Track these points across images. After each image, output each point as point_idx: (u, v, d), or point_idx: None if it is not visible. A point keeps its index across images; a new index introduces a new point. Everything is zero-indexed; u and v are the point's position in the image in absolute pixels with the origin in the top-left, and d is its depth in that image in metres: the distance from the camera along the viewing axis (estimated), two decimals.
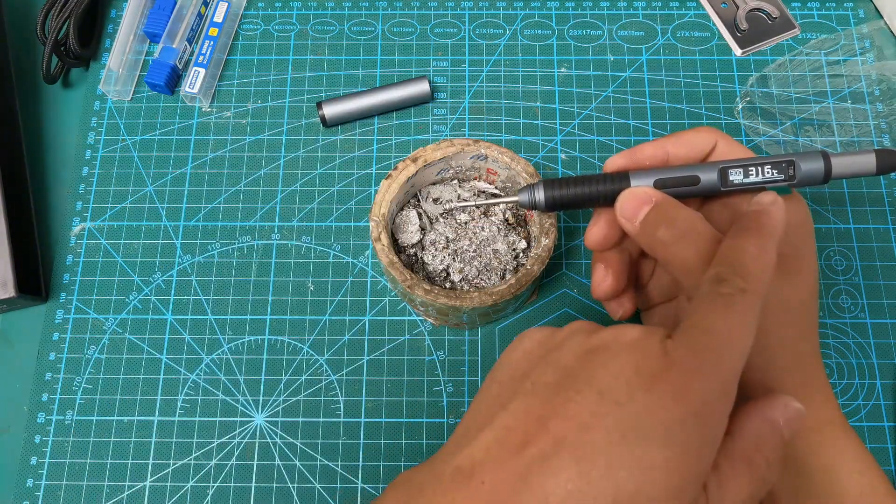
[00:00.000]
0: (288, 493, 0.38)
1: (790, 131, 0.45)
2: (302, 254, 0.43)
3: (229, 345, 0.41)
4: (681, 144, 0.31)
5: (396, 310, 0.42)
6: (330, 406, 0.40)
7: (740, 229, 0.25)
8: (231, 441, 0.39)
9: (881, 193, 0.44)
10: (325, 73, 0.48)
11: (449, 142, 0.38)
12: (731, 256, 0.24)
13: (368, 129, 0.46)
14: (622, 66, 0.47)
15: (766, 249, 0.24)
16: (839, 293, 0.42)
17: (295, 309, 0.42)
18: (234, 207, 0.44)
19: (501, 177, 0.40)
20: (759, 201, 0.27)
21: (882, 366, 0.40)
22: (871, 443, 0.39)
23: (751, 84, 0.46)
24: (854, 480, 0.28)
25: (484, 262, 0.39)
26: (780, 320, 0.28)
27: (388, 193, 0.37)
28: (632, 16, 0.49)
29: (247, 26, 0.49)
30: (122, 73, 0.46)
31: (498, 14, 0.49)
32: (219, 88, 0.47)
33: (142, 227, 0.44)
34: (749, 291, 0.23)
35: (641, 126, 0.46)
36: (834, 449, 0.29)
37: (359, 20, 0.49)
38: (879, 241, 0.43)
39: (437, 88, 0.47)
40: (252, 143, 0.46)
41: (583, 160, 0.45)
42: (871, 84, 0.46)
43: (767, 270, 0.24)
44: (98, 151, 0.45)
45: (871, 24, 0.48)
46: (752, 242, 0.24)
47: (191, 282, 0.42)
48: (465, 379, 0.40)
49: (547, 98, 0.47)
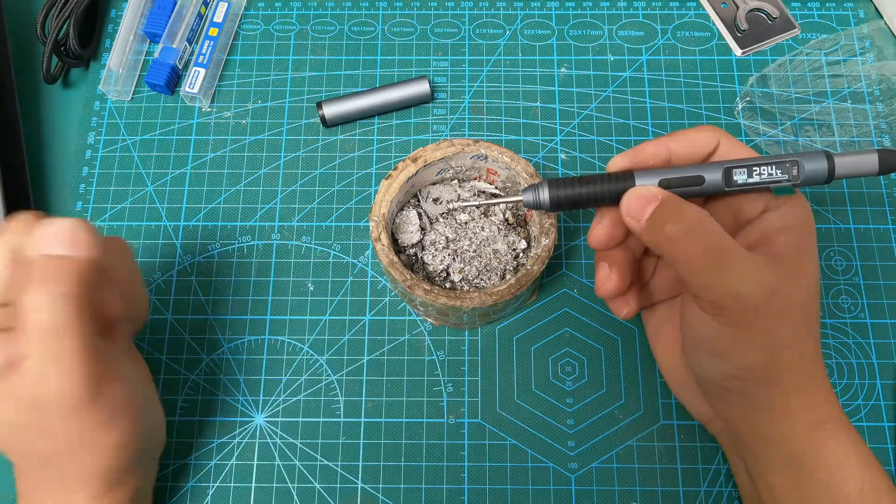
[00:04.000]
0: (288, 493, 0.38)
1: (790, 131, 0.45)
2: (302, 254, 0.43)
3: (229, 345, 0.41)
4: (683, 143, 0.31)
5: (396, 310, 0.42)
6: (330, 406, 0.40)
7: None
8: (231, 441, 0.39)
9: (881, 193, 0.44)
10: (325, 73, 0.48)
11: (449, 142, 0.38)
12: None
13: (368, 129, 0.46)
14: (622, 66, 0.47)
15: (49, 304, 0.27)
16: (839, 293, 0.42)
17: (295, 309, 0.42)
18: (234, 207, 0.44)
19: (501, 177, 0.40)
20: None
21: (882, 366, 0.40)
22: (872, 443, 0.39)
23: (751, 84, 0.46)
24: (855, 477, 0.29)
25: (484, 262, 0.39)
26: (783, 319, 0.28)
27: (388, 193, 0.37)
28: (632, 16, 0.49)
29: (247, 26, 0.49)
30: (122, 73, 0.46)
31: (498, 14, 0.49)
32: (219, 88, 0.47)
33: (142, 227, 0.44)
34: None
35: (641, 126, 0.46)
36: (835, 446, 0.29)
37: (359, 20, 0.49)
38: (879, 241, 0.43)
39: (437, 88, 0.47)
40: (252, 143, 0.46)
41: (583, 160, 0.45)
42: (871, 84, 0.46)
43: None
44: (98, 151, 0.45)
45: (871, 24, 0.48)
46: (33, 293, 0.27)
47: (191, 282, 0.42)
48: (465, 379, 0.40)
49: (547, 98, 0.47)
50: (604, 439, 0.39)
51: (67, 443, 0.28)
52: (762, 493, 0.31)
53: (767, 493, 0.31)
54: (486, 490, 0.38)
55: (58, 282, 0.26)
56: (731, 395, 0.30)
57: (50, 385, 0.27)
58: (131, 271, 0.34)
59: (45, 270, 0.27)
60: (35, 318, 0.26)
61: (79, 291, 0.27)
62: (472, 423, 0.39)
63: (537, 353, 0.41)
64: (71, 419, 0.27)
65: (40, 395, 0.27)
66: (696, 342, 0.30)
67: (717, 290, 0.28)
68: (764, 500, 0.31)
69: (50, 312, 0.26)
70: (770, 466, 0.30)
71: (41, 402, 0.27)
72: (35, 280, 0.26)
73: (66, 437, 0.28)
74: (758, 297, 0.27)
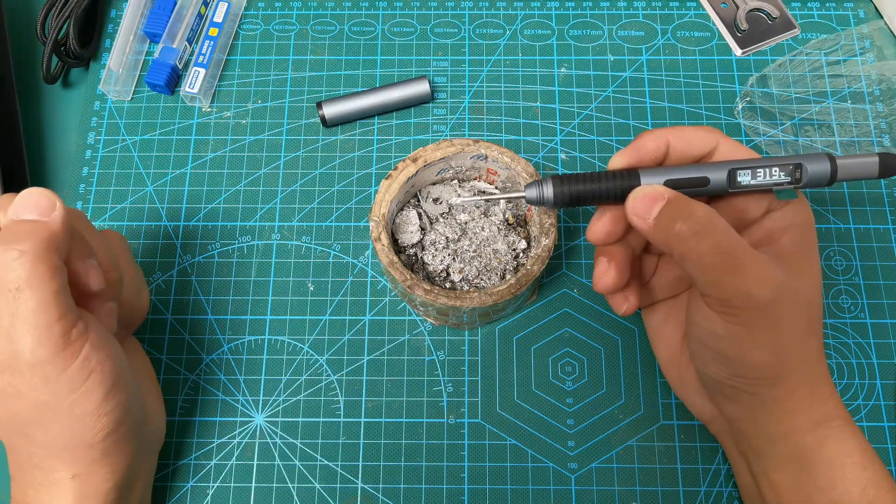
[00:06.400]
0: (288, 493, 0.38)
1: (790, 131, 0.45)
2: (302, 254, 0.43)
3: (229, 345, 0.41)
4: (681, 139, 0.31)
5: (396, 310, 0.42)
6: (330, 406, 0.40)
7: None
8: (231, 441, 0.39)
9: (881, 193, 0.44)
10: (325, 73, 0.48)
11: (449, 142, 0.38)
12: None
13: (368, 129, 0.46)
14: (622, 66, 0.47)
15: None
16: (839, 293, 0.42)
17: (295, 309, 0.42)
18: (234, 207, 0.44)
19: (501, 177, 0.40)
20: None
21: (882, 366, 0.40)
22: (872, 443, 0.38)
23: (751, 84, 0.46)
24: (858, 474, 0.29)
25: (484, 262, 0.39)
26: (790, 318, 0.28)
27: (388, 193, 0.37)
28: (632, 16, 0.49)
29: (247, 26, 0.49)
30: (122, 73, 0.46)
31: (498, 14, 0.49)
32: (219, 88, 0.47)
33: (142, 227, 0.44)
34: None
35: (641, 126, 0.46)
36: (838, 443, 0.29)
37: (359, 20, 0.49)
38: (879, 241, 0.43)
39: (437, 88, 0.47)
40: (252, 143, 0.46)
41: (583, 160, 0.45)
42: (871, 84, 0.46)
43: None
44: (98, 151, 0.45)
45: (871, 24, 0.48)
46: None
47: (191, 282, 0.42)
48: (465, 379, 0.40)
49: (547, 98, 0.47)
50: (604, 439, 0.39)
51: (39, 405, 0.28)
52: (764, 492, 0.31)
53: (770, 490, 0.31)
54: (486, 490, 0.38)
55: (22, 241, 0.27)
56: (736, 393, 0.30)
57: (15, 343, 0.27)
58: (128, 261, 0.35)
59: (11, 231, 0.27)
60: (0, 276, 0.26)
61: (45, 253, 0.27)
62: (472, 423, 0.39)
63: (537, 353, 0.41)
64: (39, 378, 0.27)
65: (7, 352, 0.27)
66: (703, 341, 0.30)
67: (726, 289, 0.28)
68: (766, 499, 0.31)
69: (14, 271, 0.26)
70: (773, 464, 0.30)
71: (8, 361, 0.27)
72: (1, 240, 0.27)
73: (35, 399, 0.28)
74: (768, 295, 0.27)
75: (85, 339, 0.28)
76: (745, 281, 0.27)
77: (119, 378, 0.30)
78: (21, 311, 0.26)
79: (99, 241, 0.32)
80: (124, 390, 0.30)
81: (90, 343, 0.28)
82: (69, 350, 0.27)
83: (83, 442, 0.29)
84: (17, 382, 0.27)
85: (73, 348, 0.27)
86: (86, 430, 0.29)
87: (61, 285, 0.27)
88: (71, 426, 0.29)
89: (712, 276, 0.28)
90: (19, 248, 0.26)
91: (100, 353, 0.28)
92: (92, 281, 0.30)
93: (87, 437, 0.29)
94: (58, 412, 0.28)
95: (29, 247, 0.27)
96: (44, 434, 0.29)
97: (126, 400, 0.30)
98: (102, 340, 0.29)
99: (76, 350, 0.28)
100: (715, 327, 0.29)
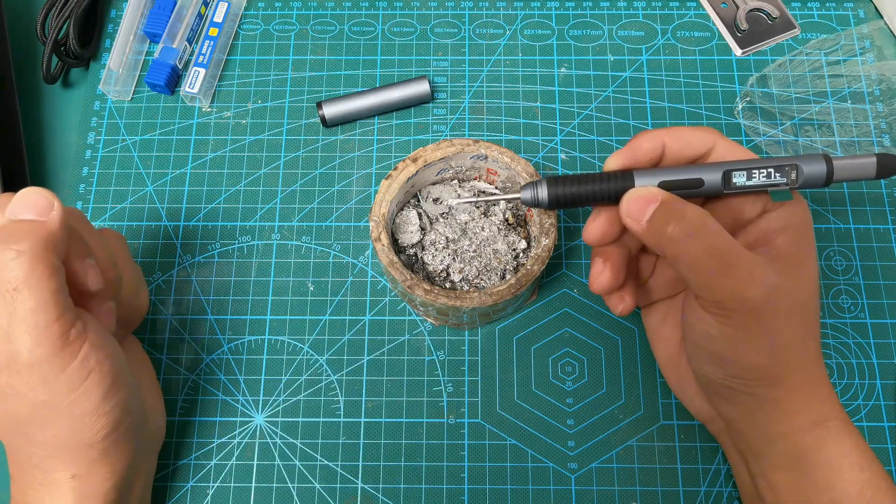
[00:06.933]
0: (288, 493, 0.38)
1: (790, 131, 0.45)
2: (302, 254, 0.43)
3: (229, 345, 0.41)
4: (678, 139, 0.31)
5: (396, 310, 0.42)
6: (330, 406, 0.40)
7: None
8: (231, 441, 0.39)
9: (881, 193, 0.44)
10: (325, 73, 0.48)
11: (449, 142, 0.38)
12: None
13: (368, 129, 0.46)
14: (622, 66, 0.47)
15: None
16: (839, 293, 0.42)
17: (295, 309, 0.42)
18: (234, 207, 0.44)
19: (501, 177, 0.40)
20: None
21: (882, 366, 0.40)
22: (872, 443, 0.39)
23: (751, 84, 0.46)
24: (855, 475, 0.29)
25: (484, 262, 0.39)
26: (786, 319, 0.28)
27: (388, 193, 0.37)
28: (632, 16, 0.49)
29: (247, 26, 0.49)
30: (122, 73, 0.46)
31: (498, 14, 0.49)
32: (219, 88, 0.47)
33: (142, 227, 0.44)
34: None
35: (641, 126, 0.46)
36: (836, 444, 0.29)
37: (359, 20, 0.49)
38: (879, 241, 0.43)
39: (437, 88, 0.47)
40: (252, 143, 0.46)
41: (583, 160, 0.45)
42: (871, 84, 0.46)
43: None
44: (98, 151, 0.45)
45: (871, 24, 0.48)
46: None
47: (191, 282, 0.42)
48: (465, 379, 0.40)
49: (547, 98, 0.47)
50: (604, 439, 0.39)
51: (38, 405, 0.28)
52: (763, 492, 0.31)
53: (768, 491, 0.31)
54: (486, 490, 0.38)
55: (20, 241, 0.27)
56: (733, 394, 0.30)
57: (14, 343, 0.26)
58: (126, 260, 0.34)
59: (9, 231, 0.27)
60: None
61: (43, 253, 0.27)
62: (472, 423, 0.39)
63: (537, 353, 0.41)
64: (38, 378, 0.27)
65: (5, 353, 0.27)
66: (698, 342, 0.30)
67: (720, 291, 0.28)
68: (765, 499, 0.31)
69: (12, 271, 0.26)
70: (771, 465, 0.30)
71: (7, 362, 0.27)
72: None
73: (34, 399, 0.28)
74: (761, 297, 0.27)
75: (83, 339, 0.28)
76: (737, 283, 0.27)
77: (118, 378, 0.30)
78: (19, 311, 0.26)
79: (97, 241, 0.32)
80: (123, 390, 0.30)
81: (89, 343, 0.28)
82: (68, 350, 0.27)
83: (82, 442, 0.29)
84: (16, 382, 0.27)
85: (71, 348, 0.27)
86: (85, 430, 0.29)
87: (59, 285, 0.27)
88: (70, 426, 0.29)
89: (705, 279, 0.28)
90: (17, 247, 0.26)
91: (98, 353, 0.28)
92: (90, 280, 0.30)
93: (87, 437, 0.29)
94: (57, 412, 0.28)
95: (27, 247, 0.27)
96: (43, 434, 0.29)
97: (125, 399, 0.30)
98: (101, 340, 0.29)
99: (75, 350, 0.28)
100: (709, 329, 0.29)
